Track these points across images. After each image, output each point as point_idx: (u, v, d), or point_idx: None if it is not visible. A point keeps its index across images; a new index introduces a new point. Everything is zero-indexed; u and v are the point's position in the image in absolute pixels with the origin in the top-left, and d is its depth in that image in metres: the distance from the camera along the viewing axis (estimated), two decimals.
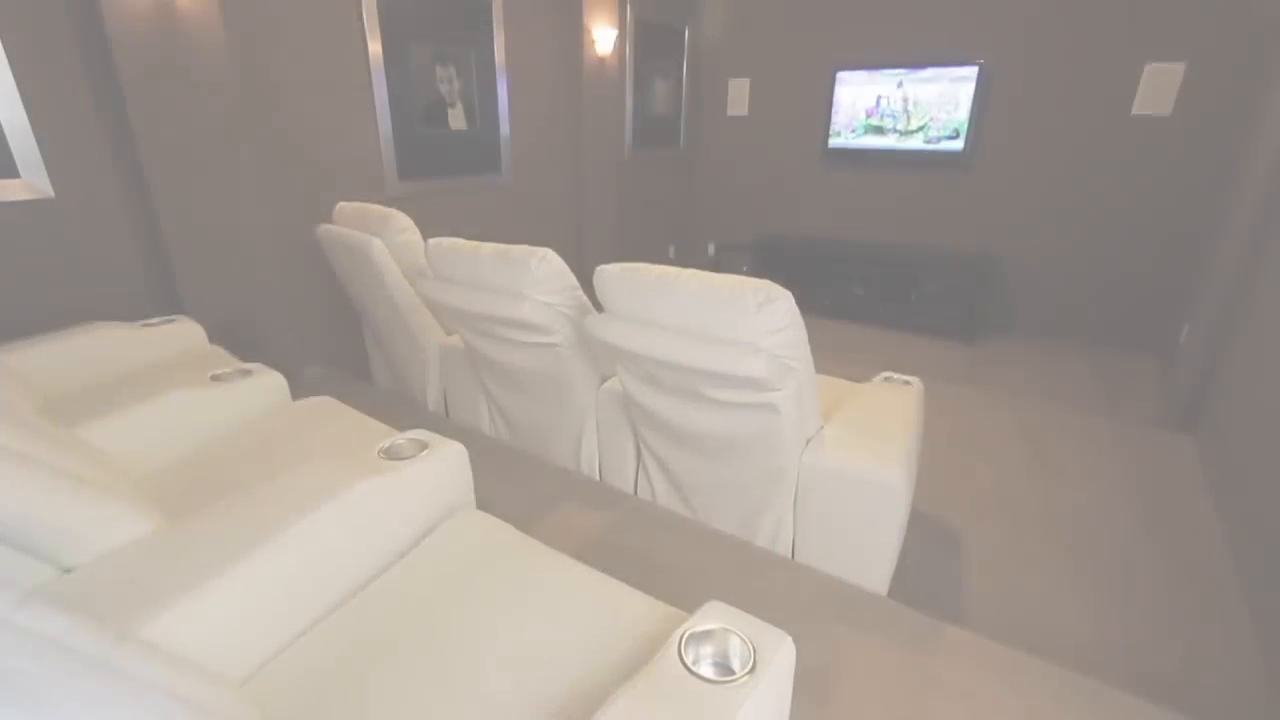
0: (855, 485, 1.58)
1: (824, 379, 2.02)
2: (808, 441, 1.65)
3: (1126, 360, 3.81)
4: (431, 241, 2.09)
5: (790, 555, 1.77)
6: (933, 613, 1.56)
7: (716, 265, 5.56)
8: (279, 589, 1.07)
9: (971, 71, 3.91)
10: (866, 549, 1.64)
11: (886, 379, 2.02)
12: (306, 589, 1.12)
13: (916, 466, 1.88)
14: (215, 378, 1.88)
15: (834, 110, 4.48)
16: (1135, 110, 3.62)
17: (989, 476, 2.51)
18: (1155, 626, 1.78)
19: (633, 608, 1.11)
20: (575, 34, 4.05)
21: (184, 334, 2.26)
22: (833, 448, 1.63)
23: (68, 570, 1.06)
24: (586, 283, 1.76)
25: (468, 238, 2.12)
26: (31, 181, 2.21)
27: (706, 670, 0.86)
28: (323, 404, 1.94)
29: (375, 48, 3.08)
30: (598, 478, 2.20)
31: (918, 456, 1.87)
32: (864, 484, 1.56)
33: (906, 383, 2.00)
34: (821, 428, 1.70)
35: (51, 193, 2.26)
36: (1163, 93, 3.52)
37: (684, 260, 5.72)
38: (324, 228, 2.63)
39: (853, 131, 4.47)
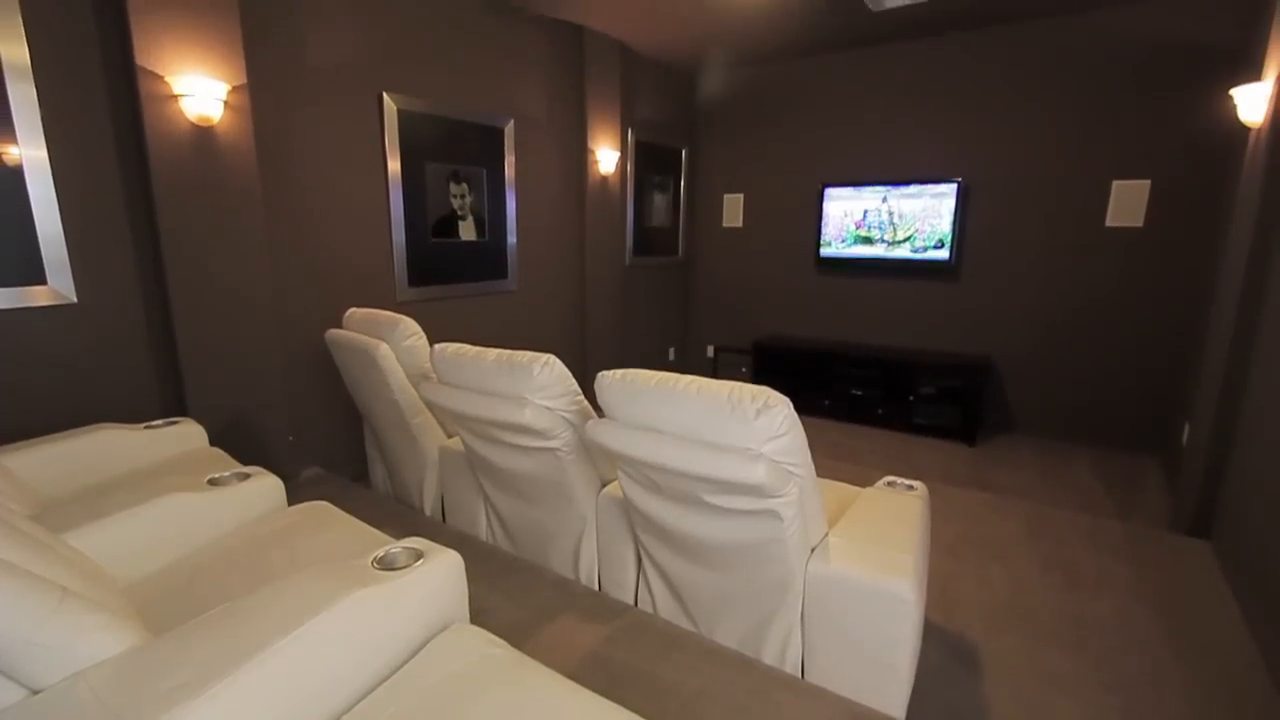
0: (865, 597, 1.52)
1: (826, 483, 2.00)
2: (812, 550, 1.61)
3: (1130, 461, 3.78)
4: (437, 347, 2.15)
5: (799, 672, 1.67)
6: None
7: (715, 367, 5.65)
8: (259, 712, 1.01)
9: (951, 188, 4.18)
10: (880, 666, 1.56)
11: (890, 484, 2.00)
12: (289, 712, 1.06)
13: (926, 575, 1.82)
14: (212, 481, 1.87)
15: (824, 222, 4.74)
16: (1109, 222, 3.83)
17: (1003, 585, 2.42)
18: None
19: None
20: (580, 155, 4.37)
21: (186, 436, 2.26)
22: (839, 557, 1.58)
23: (37, 691, 1.01)
24: (588, 385, 1.79)
25: (473, 342, 2.18)
26: (57, 288, 2.30)
27: None
28: (318, 509, 1.91)
29: (394, 165, 3.32)
30: (597, 586, 2.12)
31: (927, 564, 1.81)
32: (874, 596, 1.51)
33: (910, 487, 1.97)
34: (826, 535, 1.66)
35: (74, 298, 2.35)
36: (1133, 206, 3.75)
37: (683, 362, 5.82)
38: (333, 332, 2.71)
39: (843, 241, 4.69)
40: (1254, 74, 2.75)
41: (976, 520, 2.94)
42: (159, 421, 2.28)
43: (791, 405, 1.46)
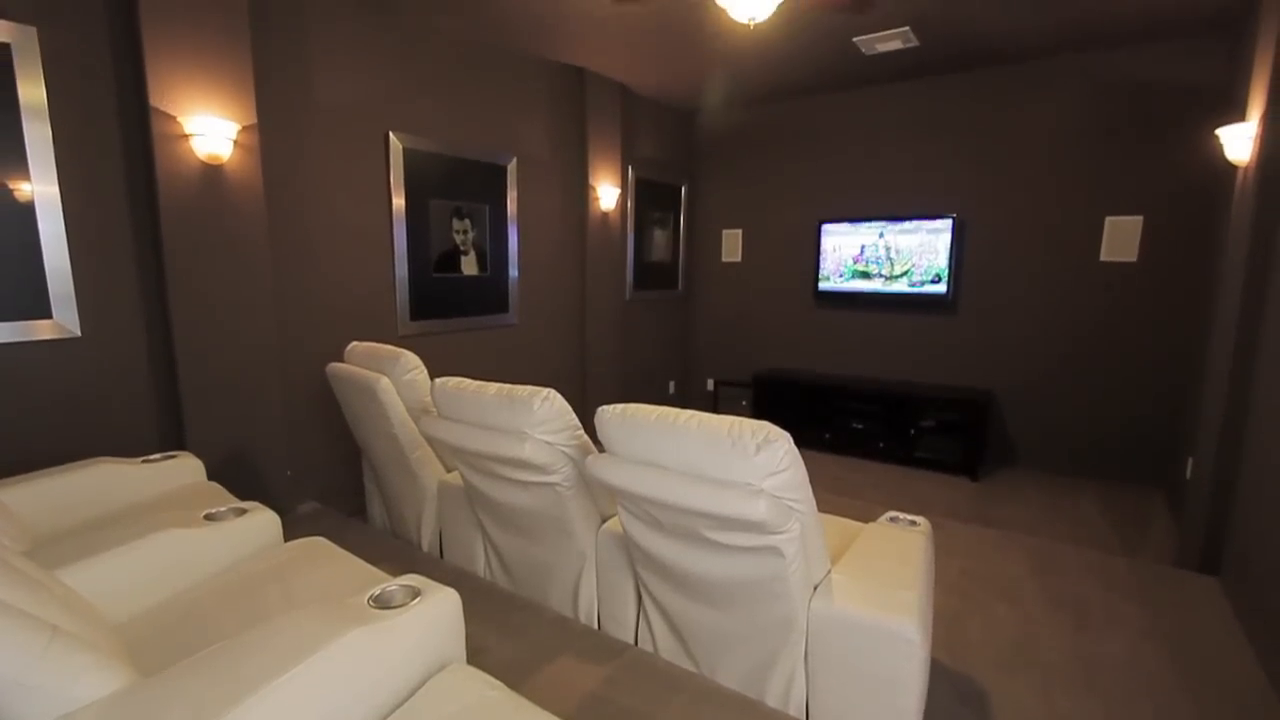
0: (870, 637, 1.49)
1: (828, 519, 1.98)
2: (815, 588, 1.59)
3: (1135, 496, 3.74)
4: (438, 381, 2.15)
5: (804, 715, 1.63)
6: None
7: (716, 401, 5.64)
8: None
9: (946, 224, 4.24)
10: (886, 708, 1.52)
11: (892, 519, 1.98)
12: None
13: (931, 614, 1.79)
14: (209, 517, 1.85)
15: (822, 257, 4.80)
16: (1103, 257, 3.88)
17: (1010, 623, 2.37)
18: None
19: None
20: (581, 191, 4.45)
21: (184, 470, 2.25)
22: (842, 595, 1.56)
23: None
24: (588, 419, 1.79)
25: (474, 375, 2.19)
26: (61, 322, 2.32)
27: None
28: (315, 545, 1.89)
29: (399, 202, 3.38)
30: (596, 625, 2.08)
31: (931, 603, 1.78)
32: (879, 635, 1.48)
33: (913, 523, 1.95)
34: (829, 572, 1.64)
35: (78, 332, 2.36)
36: (1126, 241, 3.80)
37: (684, 396, 5.82)
38: (334, 366, 2.72)
39: (840, 276, 4.74)
40: (1239, 114, 2.82)
41: (981, 557, 2.91)
42: (157, 455, 2.27)
43: (792, 440, 1.46)
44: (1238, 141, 2.65)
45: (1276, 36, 2.40)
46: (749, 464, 1.42)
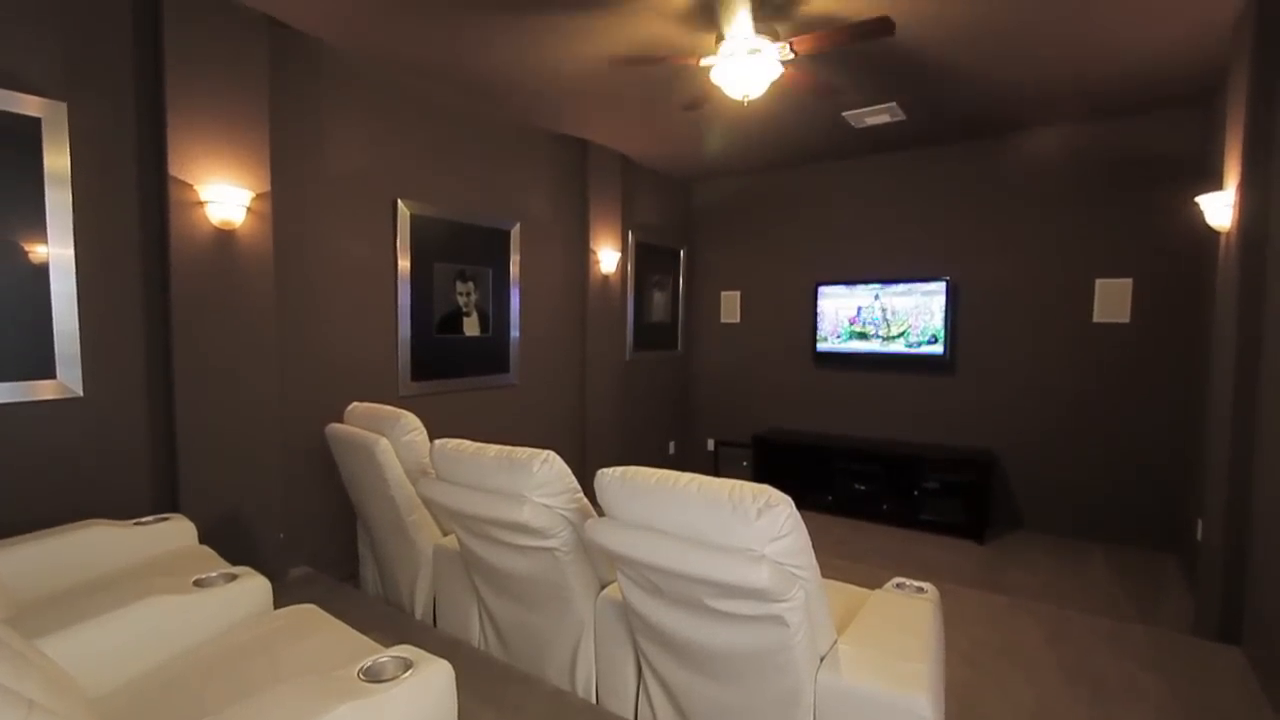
0: (880, 712, 1.43)
1: (833, 585, 1.94)
2: (821, 659, 1.54)
3: (1145, 559, 3.66)
4: (437, 443, 2.14)
5: None
6: None
7: (716, 461, 5.59)
8: None
9: (940, 286, 4.33)
10: None
11: (899, 586, 1.93)
12: None
13: (943, 687, 1.72)
14: (198, 582, 1.81)
15: (819, 319, 4.87)
16: (1096, 318, 3.94)
17: (1026, 696, 2.28)
18: None
19: None
20: (582, 255, 4.56)
21: (175, 533, 2.21)
22: (850, 667, 1.50)
23: None
24: (588, 480, 1.77)
25: (474, 436, 2.18)
26: (65, 382, 2.33)
27: None
28: (305, 613, 1.83)
29: (404, 265, 3.46)
30: (594, 699, 2.00)
31: (943, 675, 1.72)
32: (890, 711, 1.42)
33: (920, 589, 1.90)
34: (836, 643, 1.59)
35: (80, 392, 2.37)
36: (1118, 303, 3.87)
37: (683, 456, 5.77)
38: (333, 427, 2.71)
39: (838, 337, 4.80)
40: (1216, 182, 2.92)
41: (993, 624, 2.81)
42: (149, 518, 2.23)
43: (793, 504, 1.44)
44: (1217, 209, 2.74)
45: (1244, 110, 2.52)
46: (750, 529, 1.40)
